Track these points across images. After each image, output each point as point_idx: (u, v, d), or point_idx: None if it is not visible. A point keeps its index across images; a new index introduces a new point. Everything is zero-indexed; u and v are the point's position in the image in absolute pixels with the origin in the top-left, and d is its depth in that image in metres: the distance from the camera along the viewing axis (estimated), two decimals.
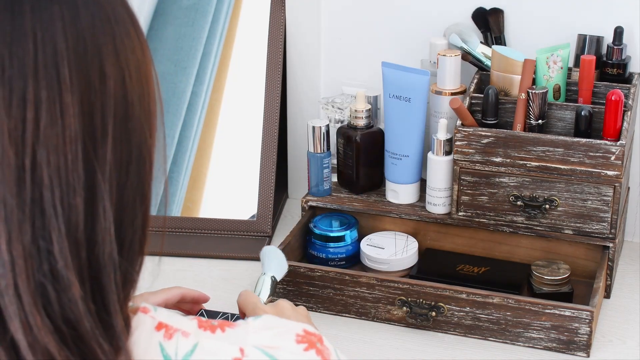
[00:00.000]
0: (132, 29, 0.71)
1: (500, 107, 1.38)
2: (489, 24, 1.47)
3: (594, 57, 1.36)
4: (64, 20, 0.67)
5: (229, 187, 1.58)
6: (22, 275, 0.65)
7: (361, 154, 1.46)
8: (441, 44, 1.46)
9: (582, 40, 1.43)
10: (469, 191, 1.36)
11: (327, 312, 1.34)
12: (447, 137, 1.38)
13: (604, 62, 1.42)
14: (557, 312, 1.23)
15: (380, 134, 1.47)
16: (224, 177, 1.58)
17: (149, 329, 0.73)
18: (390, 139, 1.46)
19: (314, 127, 1.46)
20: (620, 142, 1.28)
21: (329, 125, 1.47)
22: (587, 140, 1.28)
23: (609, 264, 1.34)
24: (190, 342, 0.73)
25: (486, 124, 1.37)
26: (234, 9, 1.63)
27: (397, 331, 1.31)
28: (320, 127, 1.46)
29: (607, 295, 1.37)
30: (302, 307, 1.10)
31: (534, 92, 1.33)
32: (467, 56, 1.45)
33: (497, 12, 1.48)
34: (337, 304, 1.33)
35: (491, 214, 1.37)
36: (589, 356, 1.24)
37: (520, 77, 1.36)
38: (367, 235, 1.44)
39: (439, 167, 1.39)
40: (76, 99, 0.66)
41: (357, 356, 1.26)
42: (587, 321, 1.22)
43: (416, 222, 1.44)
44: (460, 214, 1.38)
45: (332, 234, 1.42)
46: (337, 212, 1.47)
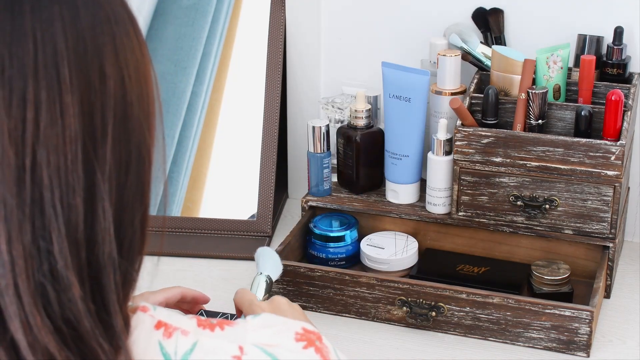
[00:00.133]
0: (131, 29, 0.71)
1: (500, 107, 1.38)
2: (489, 24, 1.47)
3: (594, 57, 1.36)
4: (63, 20, 0.67)
5: (229, 187, 1.58)
6: (22, 275, 0.65)
7: (361, 154, 1.46)
8: (441, 44, 1.46)
9: (582, 40, 1.43)
10: (469, 191, 1.36)
11: (327, 312, 1.34)
12: (447, 137, 1.38)
13: (604, 62, 1.42)
14: (557, 312, 1.23)
15: (380, 134, 1.47)
16: (224, 177, 1.58)
17: (148, 327, 0.73)
18: (390, 139, 1.46)
19: (314, 127, 1.46)
20: (620, 142, 1.28)
21: (329, 125, 1.47)
22: (587, 140, 1.28)
23: (609, 264, 1.34)
24: (189, 340, 0.73)
25: (486, 124, 1.37)
26: (234, 9, 1.63)
27: (397, 331, 1.31)
28: (320, 127, 1.46)
29: (607, 295, 1.37)
30: (296, 304, 1.10)
31: (534, 92, 1.33)
32: (467, 56, 1.45)
33: (497, 12, 1.48)
34: (337, 304, 1.33)
35: (491, 214, 1.37)
36: (589, 356, 1.24)
37: (520, 77, 1.36)
38: (367, 235, 1.44)
39: (439, 167, 1.39)
40: (76, 99, 0.66)
41: (357, 356, 1.26)
42: (587, 321, 1.22)
43: (416, 222, 1.44)
44: (460, 214, 1.38)
45: (332, 234, 1.42)
46: (337, 212, 1.47)
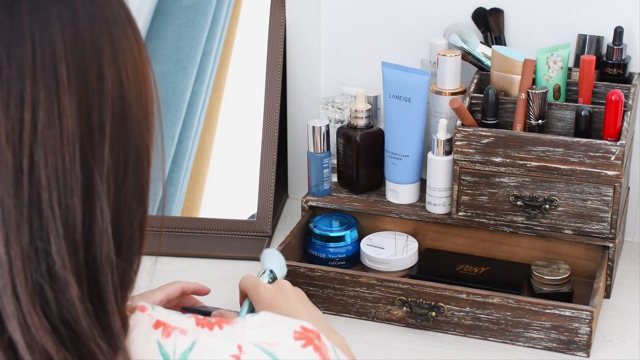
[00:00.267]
0: (129, 29, 0.71)
1: (500, 107, 1.38)
2: (489, 24, 1.47)
3: (594, 57, 1.36)
4: (62, 20, 0.67)
5: (229, 187, 1.58)
6: (20, 275, 0.65)
7: (361, 154, 1.46)
8: (441, 44, 1.46)
9: (582, 40, 1.43)
10: (469, 191, 1.36)
11: (327, 312, 1.34)
12: (447, 137, 1.38)
13: (604, 62, 1.41)
14: (557, 312, 1.23)
15: (380, 134, 1.47)
16: (224, 177, 1.58)
17: (146, 327, 0.73)
18: (390, 139, 1.45)
19: (314, 127, 1.46)
20: (620, 142, 1.28)
21: (329, 125, 1.47)
22: (587, 140, 1.28)
23: (609, 264, 1.34)
24: (188, 339, 0.73)
25: (486, 124, 1.37)
26: (234, 9, 1.63)
27: (397, 331, 1.31)
28: (320, 127, 1.46)
29: (607, 295, 1.37)
30: (299, 289, 1.10)
31: (534, 92, 1.33)
32: (467, 56, 1.45)
33: (497, 12, 1.48)
34: (337, 304, 1.33)
35: (491, 214, 1.36)
36: (589, 356, 1.24)
37: (520, 77, 1.36)
38: (367, 235, 1.44)
39: (439, 167, 1.39)
40: (74, 99, 0.66)
41: (357, 356, 1.26)
42: (587, 321, 1.22)
43: (416, 222, 1.44)
44: (460, 214, 1.38)
45: (332, 234, 1.42)
46: (337, 212, 1.47)
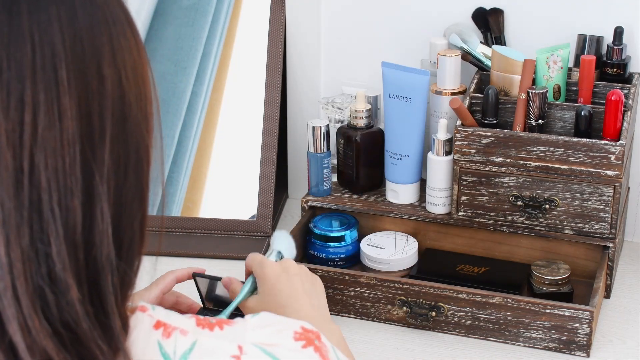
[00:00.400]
0: (128, 29, 0.71)
1: (500, 107, 1.38)
2: (489, 24, 1.47)
3: (594, 57, 1.36)
4: (61, 21, 0.67)
5: (229, 187, 1.58)
6: (21, 278, 0.65)
7: (361, 154, 1.46)
8: (441, 44, 1.46)
9: (582, 40, 1.43)
10: (469, 191, 1.36)
11: None
12: (447, 137, 1.38)
13: (604, 62, 1.41)
14: (557, 312, 1.23)
15: (380, 134, 1.47)
16: (224, 177, 1.58)
17: (147, 327, 0.73)
18: (390, 139, 1.45)
19: (314, 127, 1.46)
20: (620, 142, 1.28)
21: (329, 125, 1.47)
22: (587, 140, 1.28)
23: (609, 264, 1.34)
24: (188, 340, 0.73)
25: (486, 124, 1.37)
26: (234, 9, 1.63)
27: (397, 331, 1.31)
28: (320, 127, 1.46)
29: (607, 295, 1.37)
30: (304, 266, 1.10)
31: (534, 92, 1.33)
32: (467, 56, 1.45)
33: (497, 12, 1.48)
34: (337, 304, 1.33)
35: (491, 214, 1.36)
36: (589, 356, 1.24)
37: (520, 77, 1.36)
38: (367, 235, 1.44)
39: (439, 167, 1.39)
40: (74, 101, 0.66)
41: (357, 356, 1.26)
42: (587, 321, 1.22)
43: (416, 222, 1.44)
44: (460, 214, 1.38)
45: (332, 234, 1.42)
46: (337, 212, 1.47)
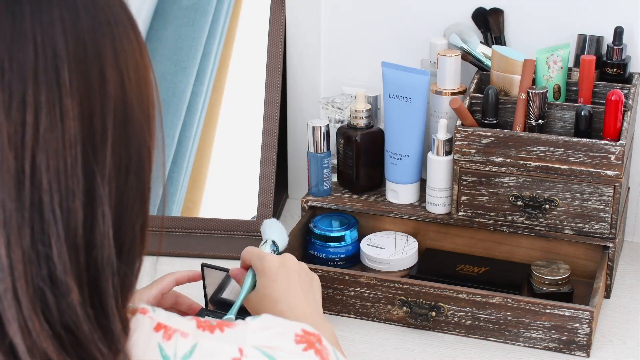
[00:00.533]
0: (131, 31, 0.71)
1: (500, 107, 1.38)
2: (489, 24, 1.47)
3: (594, 57, 1.36)
4: (64, 23, 0.66)
5: (229, 187, 1.58)
6: (21, 279, 0.65)
7: (361, 154, 1.46)
8: (441, 44, 1.46)
9: (582, 40, 1.43)
10: (469, 191, 1.36)
11: (327, 312, 1.34)
12: (447, 137, 1.38)
13: (604, 62, 1.42)
14: (557, 312, 1.23)
15: (380, 134, 1.47)
16: (224, 177, 1.58)
17: (147, 330, 0.72)
18: (390, 139, 1.45)
19: (314, 127, 1.46)
20: (620, 142, 1.28)
21: (329, 125, 1.47)
22: (587, 140, 1.28)
23: (609, 264, 1.34)
24: (189, 342, 0.73)
25: (486, 124, 1.37)
26: (234, 9, 1.63)
27: (397, 331, 1.31)
28: (320, 127, 1.46)
29: (607, 295, 1.37)
30: (304, 264, 1.11)
31: (534, 92, 1.33)
32: (467, 56, 1.45)
33: (497, 12, 1.48)
34: (337, 304, 1.33)
35: (491, 214, 1.36)
36: (589, 356, 1.24)
37: (520, 77, 1.36)
38: (367, 235, 1.44)
39: (439, 167, 1.39)
40: (76, 102, 0.66)
41: (357, 356, 1.26)
42: (587, 321, 1.22)
43: (416, 222, 1.44)
44: (460, 214, 1.38)
45: (332, 234, 1.42)
46: (337, 212, 1.47)
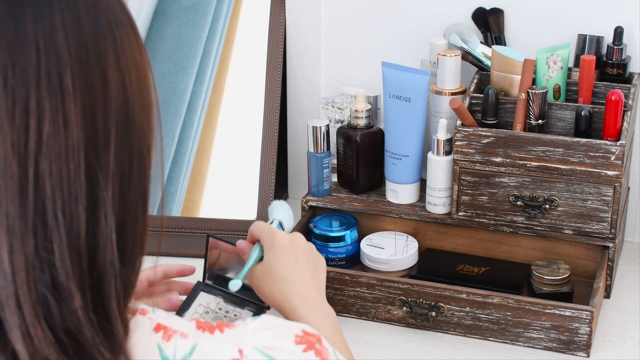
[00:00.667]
0: (131, 31, 0.71)
1: (500, 107, 1.38)
2: (489, 24, 1.47)
3: (594, 57, 1.36)
4: (66, 27, 0.66)
5: (229, 187, 1.58)
6: (24, 286, 0.65)
7: (361, 154, 1.46)
8: (441, 44, 1.46)
9: (582, 40, 1.43)
10: (469, 191, 1.36)
11: None
12: (447, 137, 1.38)
13: (604, 62, 1.41)
14: (557, 312, 1.23)
15: (380, 134, 1.47)
16: (224, 177, 1.58)
17: (147, 330, 0.73)
18: (390, 139, 1.45)
19: (314, 127, 1.46)
20: (620, 142, 1.28)
21: (329, 125, 1.47)
22: (587, 140, 1.28)
23: (609, 264, 1.34)
24: (189, 343, 0.73)
25: (486, 124, 1.37)
26: (234, 9, 1.63)
27: (397, 331, 1.31)
28: (320, 127, 1.46)
29: (607, 295, 1.37)
30: (312, 245, 1.12)
31: (534, 92, 1.33)
32: (467, 56, 1.45)
33: (497, 12, 1.48)
34: (337, 304, 1.33)
35: (491, 214, 1.36)
36: (589, 356, 1.24)
37: (520, 77, 1.36)
38: (367, 235, 1.44)
39: (439, 167, 1.39)
40: (79, 107, 0.66)
41: (357, 356, 1.26)
42: (587, 321, 1.22)
43: (416, 222, 1.44)
44: (460, 214, 1.38)
45: (332, 234, 1.42)
46: (337, 212, 1.47)
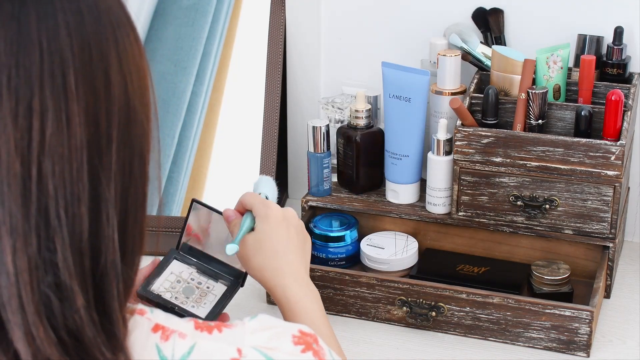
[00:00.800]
0: (131, 32, 0.71)
1: (500, 107, 1.38)
2: (489, 24, 1.47)
3: (594, 57, 1.36)
4: (69, 28, 0.67)
5: (229, 187, 1.58)
6: (27, 287, 0.65)
7: (361, 154, 1.46)
8: (441, 44, 1.46)
9: (582, 40, 1.43)
10: (469, 191, 1.36)
11: (327, 312, 1.33)
12: (447, 137, 1.38)
13: (604, 62, 1.41)
14: (557, 312, 1.23)
15: (380, 134, 1.47)
16: (224, 177, 1.58)
17: (145, 331, 0.73)
18: (390, 139, 1.45)
19: (314, 127, 1.46)
20: (620, 142, 1.28)
21: (329, 125, 1.47)
22: (587, 140, 1.28)
23: (609, 264, 1.34)
24: (187, 343, 0.73)
25: (486, 124, 1.37)
26: (234, 9, 1.63)
27: (397, 331, 1.31)
28: (320, 127, 1.46)
29: (607, 295, 1.37)
30: (301, 222, 1.13)
31: (534, 92, 1.33)
32: (467, 56, 1.45)
33: (497, 12, 1.47)
34: (337, 304, 1.33)
35: (491, 214, 1.36)
36: (589, 356, 1.24)
37: (520, 77, 1.36)
38: (367, 235, 1.44)
39: (439, 167, 1.39)
40: (82, 107, 0.66)
41: (357, 356, 1.26)
42: (587, 321, 1.22)
43: (416, 222, 1.44)
44: (460, 214, 1.38)
45: (332, 234, 1.42)
46: (337, 212, 1.47)
